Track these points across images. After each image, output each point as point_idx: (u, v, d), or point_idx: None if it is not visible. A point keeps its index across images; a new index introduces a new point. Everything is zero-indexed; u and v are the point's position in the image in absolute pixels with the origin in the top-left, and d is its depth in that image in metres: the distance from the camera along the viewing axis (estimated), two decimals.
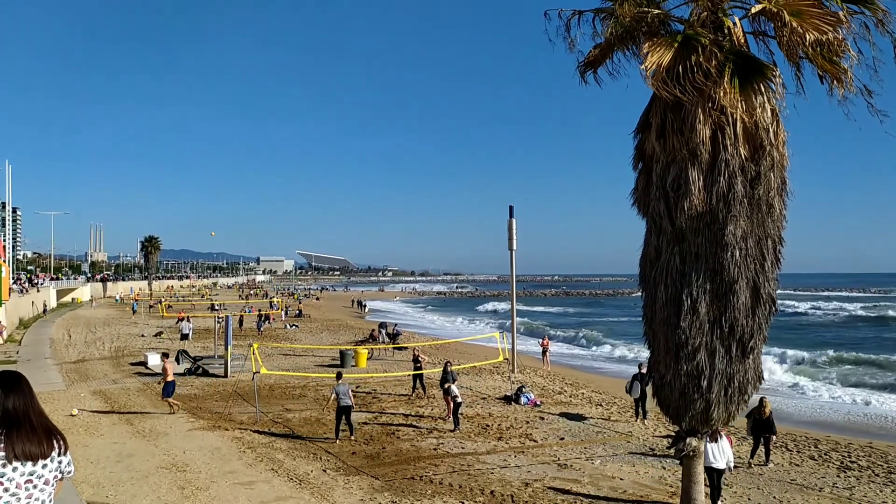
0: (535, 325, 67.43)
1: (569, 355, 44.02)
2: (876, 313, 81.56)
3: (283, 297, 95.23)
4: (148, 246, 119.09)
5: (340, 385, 17.76)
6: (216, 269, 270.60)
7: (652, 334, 9.97)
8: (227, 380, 27.01)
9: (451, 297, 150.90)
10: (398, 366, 30.84)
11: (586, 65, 9.71)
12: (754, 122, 8.88)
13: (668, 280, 9.47)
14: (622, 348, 46.72)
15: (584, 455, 16.43)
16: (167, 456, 15.70)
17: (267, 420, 19.77)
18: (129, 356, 35.27)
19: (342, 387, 17.68)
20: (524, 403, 22.75)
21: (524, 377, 28.54)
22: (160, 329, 49.00)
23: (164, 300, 78.20)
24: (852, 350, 43.85)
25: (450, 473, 14.62)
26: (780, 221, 9.32)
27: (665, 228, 9.46)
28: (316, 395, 24.23)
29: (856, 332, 61.35)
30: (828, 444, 18.52)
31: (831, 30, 8.42)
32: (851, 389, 30.47)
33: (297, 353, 37.05)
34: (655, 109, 9.46)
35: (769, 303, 9.30)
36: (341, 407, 17.42)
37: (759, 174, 8.98)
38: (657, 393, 10.08)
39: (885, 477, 15.31)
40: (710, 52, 8.57)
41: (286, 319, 60.35)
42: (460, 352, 38.07)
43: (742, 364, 9.38)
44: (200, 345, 40.20)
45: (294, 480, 13.90)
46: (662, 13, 9.27)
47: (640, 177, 9.96)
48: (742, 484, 14.36)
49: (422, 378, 24.83)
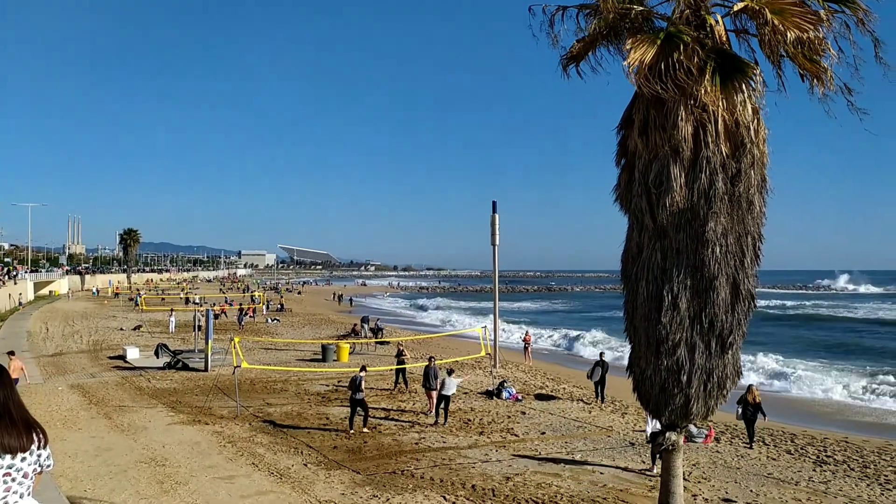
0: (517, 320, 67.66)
1: (551, 350, 44.23)
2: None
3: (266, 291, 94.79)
4: (127, 238, 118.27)
5: (359, 377, 18.28)
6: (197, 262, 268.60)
7: (633, 330, 10.02)
8: (208, 374, 26.89)
9: (434, 292, 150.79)
10: (380, 360, 30.82)
11: (569, 59, 9.73)
12: (735, 119, 8.94)
13: (650, 276, 9.52)
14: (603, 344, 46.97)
15: (564, 449, 16.53)
16: (146, 450, 15.60)
17: (248, 414, 19.68)
18: (107, 350, 34.98)
19: (360, 378, 18.22)
20: (506, 398, 22.83)
21: (506, 372, 28.67)
22: (139, 322, 48.62)
23: (143, 293, 77.57)
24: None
25: (431, 468, 14.66)
26: (760, 218, 9.40)
27: (647, 225, 9.51)
28: (297, 388, 24.17)
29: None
30: (804, 439, 18.76)
31: (812, 28, 8.49)
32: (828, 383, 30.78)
33: (278, 347, 36.93)
34: (638, 106, 9.50)
35: (748, 299, 9.37)
36: (355, 399, 17.90)
37: (740, 171, 9.04)
38: (637, 388, 10.14)
39: (860, 471, 15.54)
40: (692, 50, 8.62)
41: (267, 313, 60.11)
42: (443, 346, 38.15)
43: (721, 359, 9.45)
44: (180, 338, 39.94)
45: (275, 475, 13.87)
46: (646, 10, 9.30)
47: (622, 173, 9.99)
48: (719, 478, 14.52)
49: (404, 373, 24.84)
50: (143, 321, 49.94)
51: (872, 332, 57.58)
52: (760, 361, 34.67)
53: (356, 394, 17.89)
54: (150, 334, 42.48)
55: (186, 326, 44.20)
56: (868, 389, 28.06)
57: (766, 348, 38.01)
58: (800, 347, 44.71)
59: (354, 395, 17.91)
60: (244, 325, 48.21)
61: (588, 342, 46.94)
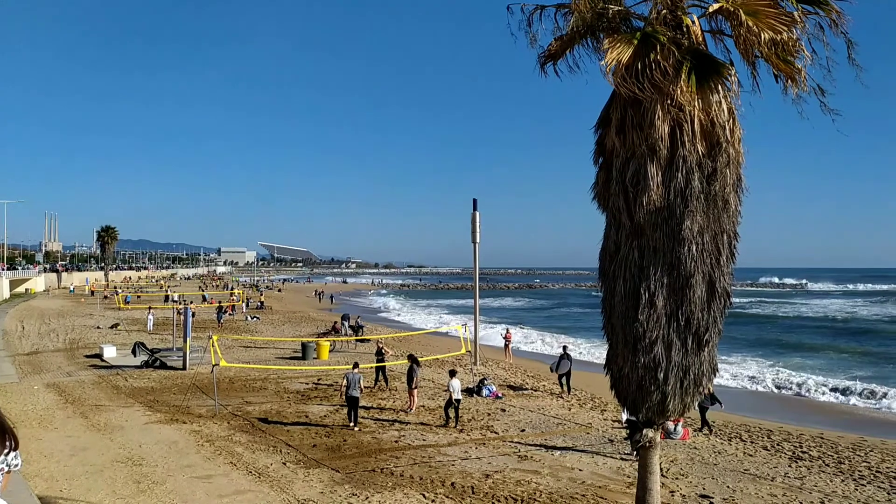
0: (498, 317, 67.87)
1: (531, 347, 44.35)
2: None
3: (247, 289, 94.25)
4: (104, 236, 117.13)
5: (353, 373, 18.34)
6: (176, 259, 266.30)
7: (610, 327, 10.07)
8: (186, 372, 26.69)
9: (415, 290, 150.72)
10: (361, 358, 30.69)
11: (547, 57, 9.76)
12: (711, 119, 9.02)
13: (627, 274, 9.58)
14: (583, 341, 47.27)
15: (544, 446, 16.60)
16: (123, 450, 15.46)
17: (226, 413, 19.57)
18: (84, 348, 34.60)
19: (353, 375, 18.24)
20: (486, 395, 22.88)
21: (486, 369, 28.72)
22: (116, 321, 48.14)
23: (120, 291, 76.83)
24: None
25: (411, 465, 14.66)
26: (736, 217, 9.48)
27: (624, 223, 9.57)
28: (277, 387, 24.06)
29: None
30: (780, 435, 18.98)
31: (786, 30, 8.58)
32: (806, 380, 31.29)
33: (257, 345, 36.74)
34: (615, 105, 9.55)
35: (724, 297, 9.46)
36: (350, 397, 17.97)
37: (716, 170, 9.12)
38: (615, 385, 10.20)
39: (835, 467, 15.75)
40: (669, 50, 8.67)
41: (247, 311, 59.77)
42: (423, 344, 38.15)
43: (697, 357, 9.54)
44: (158, 336, 39.60)
45: (253, 474, 13.81)
46: (623, 10, 9.35)
47: (600, 172, 10.04)
48: (697, 474, 14.66)
49: (384, 370, 24.82)
50: (121, 319, 49.46)
51: (793, 328, 60.94)
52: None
53: (352, 391, 17.97)
54: (128, 333, 42.07)
55: (165, 324, 43.85)
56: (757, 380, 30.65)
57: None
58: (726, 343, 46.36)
59: (350, 392, 17.99)
60: (223, 323, 47.89)
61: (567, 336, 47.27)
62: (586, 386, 25.66)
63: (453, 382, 18.38)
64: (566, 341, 41.33)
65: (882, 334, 55.01)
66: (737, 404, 23.17)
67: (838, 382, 29.55)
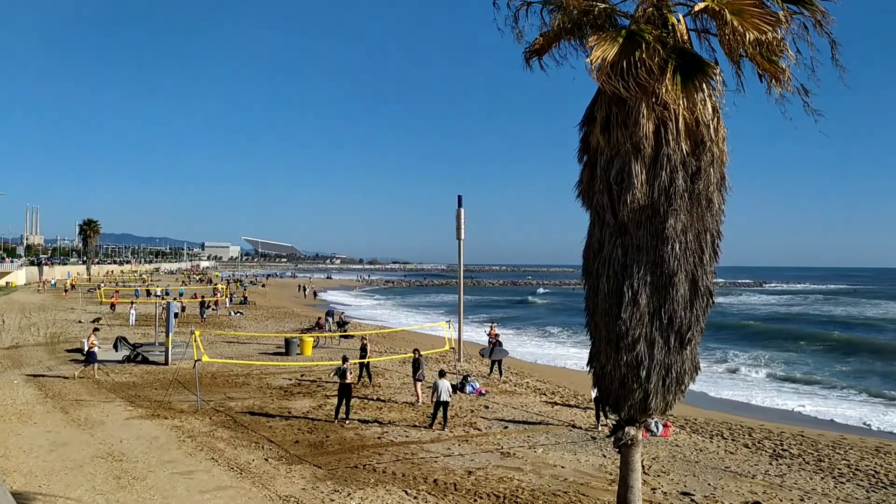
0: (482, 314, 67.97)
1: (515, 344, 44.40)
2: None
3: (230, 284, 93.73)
4: (87, 229, 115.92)
5: (344, 367, 18.55)
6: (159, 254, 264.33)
7: (594, 325, 10.07)
8: (168, 367, 26.49)
9: (400, 286, 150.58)
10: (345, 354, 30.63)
11: (532, 52, 9.75)
12: (695, 118, 9.02)
13: (611, 272, 9.57)
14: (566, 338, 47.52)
15: (527, 443, 16.63)
16: (103, 445, 15.33)
17: (208, 408, 19.45)
18: (65, 343, 34.27)
19: (344, 368, 18.47)
20: (469, 392, 22.89)
21: (470, 366, 28.73)
22: (98, 315, 47.70)
23: (102, 285, 76.19)
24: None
25: (393, 462, 14.64)
26: (719, 216, 9.50)
27: (608, 221, 9.56)
28: (259, 382, 23.95)
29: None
30: (761, 433, 19.14)
31: (771, 29, 8.60)
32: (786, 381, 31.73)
33: (241, 340, 36.54)
34: (600, 103, 9.53)
35: (707, 295, 9.48)
36: (343, 385, 18.21)
37: (700, 169, 9.13)
38: (597, 383, 10.22)
39: (815, 464, 15.90)
40: (654, 49, 8.67)
41: (230, 306, 59.44)
42: (407, 340, 38.08)
43: (680, 355, 9.55)
44: (141, 331, 39.31)
45: (235, 469, 13.73)
46: (609, 7, 9.34)
47: (584, 169, 10.02)
48: (678, 471, 14.74)
49: (368, 366, 24.77)
50: (103, 314, 49.02)
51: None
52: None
53: (344, 379, 18.26)
54: (110, 327, 41.69)
55: (147, 319, 43.53)
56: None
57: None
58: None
59: (343, 380, 18.26)
60: (206, 318, 47.61)
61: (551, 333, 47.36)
62: (569, 383, 25.75)
63: (442, 383, 17.96)
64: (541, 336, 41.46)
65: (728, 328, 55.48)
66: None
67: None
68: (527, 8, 9.57)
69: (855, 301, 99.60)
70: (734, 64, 9.14)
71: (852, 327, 59.71)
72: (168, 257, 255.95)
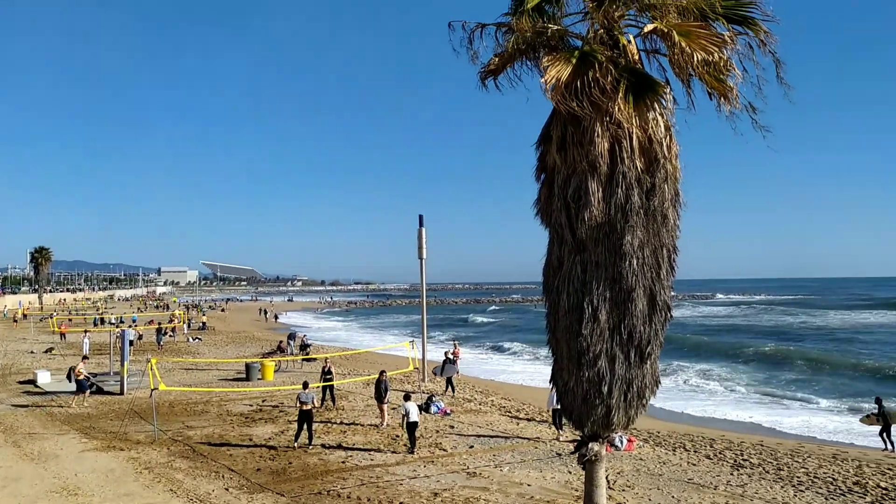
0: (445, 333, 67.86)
1: (479, 363, 44.40)
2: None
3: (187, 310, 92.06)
4: (38, 257, 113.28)
5: (305, 393, 18.29)
6: (113, 280, 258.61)
7: (555, 342, 10.14)
8: (124, 397, 25.83)
9: (363, 307, 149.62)
10: (307, 378, 30.26)
11: (487, 72, 9.87)
12: (648, 136, 9.21)
13: (571, 289, 9.66)
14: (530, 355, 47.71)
15: (493, 462, 16.57)
16: (57, 479, 14.85)
17: (166, 438, 18.99)
18: (16, 374, 33.20)
19: (306, 394, 18.20)
20: (434, 412, 22.77)
21: (434, 386, 28.60)
22: (51, 345, 46.41)
23: (55, 314, 74.23)
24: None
25: (358, 486, 14.45)
26: (675, 231, 9.68)
27: (566, 238, 9.66)
28: (219, 410, 23.49)
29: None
30: (722, 443, 19.38)
31: (717, 50, 8.84)
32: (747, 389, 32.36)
33: (199, 367, 35.86)
34: (556, 122, 9.67)
35: (665, 310, 9.62)
36: (303, 412, 17.92)
37: (655, 186, 9.31)
38: (560, 399, 10.26)
39: (774, 474, 16.14)
40: (607, 69, 8.85)
41: (189, 332, 58.35)
42: (371, 362, 37.82)
43: (640, 369, 9.66)
44: (95, 361, 38.29)
45: (194, 501, 13.40)
46: (561, 29, 9.51)
47: (542, 188, 10.14)
48: (643, 485, 14.82)
49: (332, 389, 24.49)
50: (56, 343, 47.71)
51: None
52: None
53: (306, 406, 17.98)
54: (63, 357, 40.56)
55: (101, 347, 42.48)
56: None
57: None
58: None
59: (305, 407, 17.98)
60: (163, 345, 46.65)
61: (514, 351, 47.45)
62: (534, 399, 25.79)
63: (408, 405, 17.78)
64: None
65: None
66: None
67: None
68: (481, 30, 9.69)
69: (795, 312, 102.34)
70: (684, 83, 9.37)
71: (793, 338, 61.14)
72: (123, 284, 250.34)
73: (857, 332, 65.05)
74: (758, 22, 9.14)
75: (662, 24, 8.91)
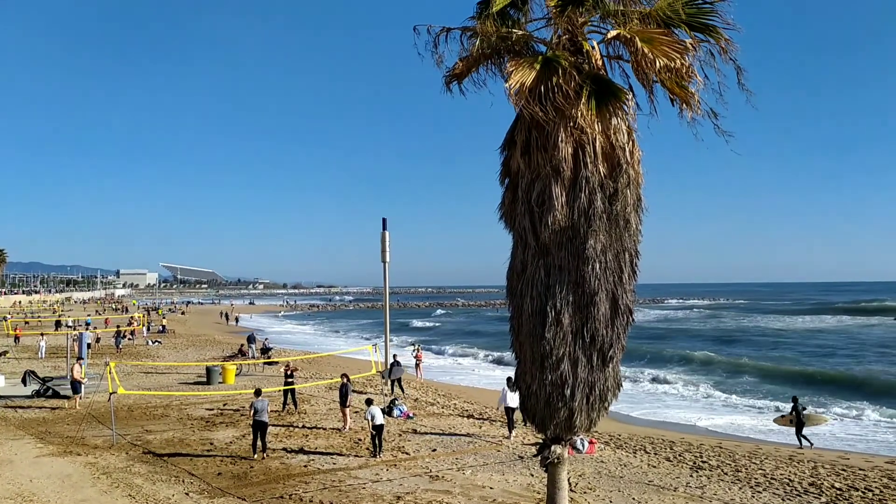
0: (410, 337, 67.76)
1: (441, 367, 44.45)
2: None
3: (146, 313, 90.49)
4: None
5: (259, 400, 17.76)
6: (70, 282, 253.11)
7: (519, 345, 10.18)
8: (81, 401, 25.26)
9: (325, 311, 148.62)
10: (269, 381, 29.98)
11: (451, 76, 9.90)
12: (611, 142, 9.33)
13: (534, 292, 9.71)
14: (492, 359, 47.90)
15: (455, 466, 16.58)
16: (11, 485, 14.47)
17: (124, 443, 18.64)
18: None
19: (261, 402, 17.66)
20: (397, 416, 22.71)
21: (397, 390, 28.53)
22: (5, 348, 45.23)
23: (9, 317, 72.36)
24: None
25: (320, 490, 14.34)
26: (637, 236, 9.80)
27: (530, 243, 9.72)
28: (179, 414, 23.13)
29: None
30: (682, 446, 19.66)
31: (679, 57, 9.00)
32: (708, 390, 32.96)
33: (159, 370, 35.29)
34: (520, 127, 9.74)
35: (627, 313, 9.73)
36: (257, 422, 17.36)
37: (617, 191, 9.42)
38: (524, 403, 10.31)
39: (732, 475, 16.42)
40: (570, 75, 8.94)
41: (148, 335, 57.36)
42: (333, 365, 37.56)
43: (602, 372, 9.75)
44: (51, 364, 37.44)
45: None
46: (525, 34, 9.59)
47: (506, 192, 10.20)
48: (604, 487, 14.97)
49: (293, 393, 24.28)
50: (10, 346, 46.51)
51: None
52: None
53: (260, 416, 17.38)
54: (18, 360, 39.56)
55: (57, 350, 41.54)
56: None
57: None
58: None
59: (258, 417, 17.39)
60: (122, 349, 45.78)
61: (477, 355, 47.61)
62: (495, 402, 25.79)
63: (372, 410, 17.56)
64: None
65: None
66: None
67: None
68: (446, 34, 9.72)
69: (736, 315, 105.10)
70: (647, 89, 9.51)
71: (726, 342, 62.45)
72: (80, 286, 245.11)
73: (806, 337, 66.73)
74: (719, 30, 9.31)
75: (625, 31, 9.04)
